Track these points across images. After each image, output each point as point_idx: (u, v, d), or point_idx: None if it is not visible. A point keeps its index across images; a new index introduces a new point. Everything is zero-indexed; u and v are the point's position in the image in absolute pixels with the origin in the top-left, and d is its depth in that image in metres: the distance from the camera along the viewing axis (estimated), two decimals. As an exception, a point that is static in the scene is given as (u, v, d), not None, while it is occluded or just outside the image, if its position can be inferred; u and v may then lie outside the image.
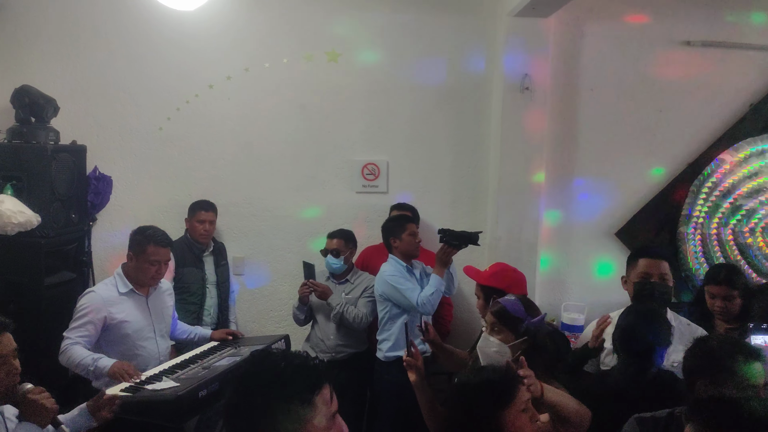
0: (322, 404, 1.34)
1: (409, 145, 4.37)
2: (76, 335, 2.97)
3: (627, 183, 4.33)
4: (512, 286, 2.78)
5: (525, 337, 2.19)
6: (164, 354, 3.26)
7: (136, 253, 3.14)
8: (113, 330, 3.08)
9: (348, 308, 3.78)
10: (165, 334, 3.32)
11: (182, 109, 4.27)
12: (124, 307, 3.11)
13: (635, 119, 4.28)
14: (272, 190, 4.36)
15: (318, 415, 1.33)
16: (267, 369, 1.35)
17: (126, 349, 3.08)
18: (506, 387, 1.78)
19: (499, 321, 2.23)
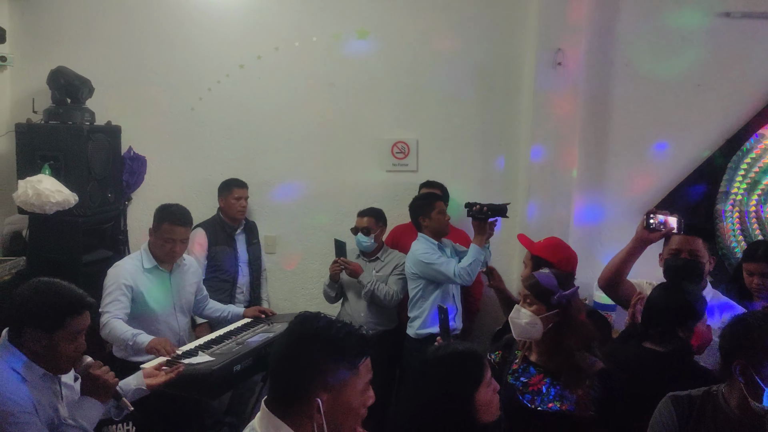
0: (365, 371, 1.44)
1: (438, 122, 4.34)
2: (113, 309, 3.05)
3: (662, 160, 4.22)
4: (562, 261, 2.75)
5: (557, 310, 2.17)
6: (183, 330, 3.33)
7: (154, 229, 3.22)
8: (137, 304, 3.15)
9: (379, 286, 3.80)
10: (185, 311, 3.38)
11: (213, 90, 4.31)
12: (148, 283, 3.19)
13: (671, 94, 4.16)
14: (302, 169, 4.38)
15: (359, 380, 1.42)
16: (323, 329, 1.41)
17: (148, 324, 3.14)
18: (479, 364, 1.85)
19: (531, 293, 2.22)
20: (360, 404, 1.43)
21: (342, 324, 1.45)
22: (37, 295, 2.02)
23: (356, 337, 1.42)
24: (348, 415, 1.42)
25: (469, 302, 4.15)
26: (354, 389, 1.41)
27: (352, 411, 1.42)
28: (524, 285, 2.28)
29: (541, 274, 2.27)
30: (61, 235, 3.73)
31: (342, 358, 1.39)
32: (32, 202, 3.52)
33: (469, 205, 3.52)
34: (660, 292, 2.50)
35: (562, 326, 2.17)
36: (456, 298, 3.73)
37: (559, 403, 2.14)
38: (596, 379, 2.12)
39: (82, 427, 1.99)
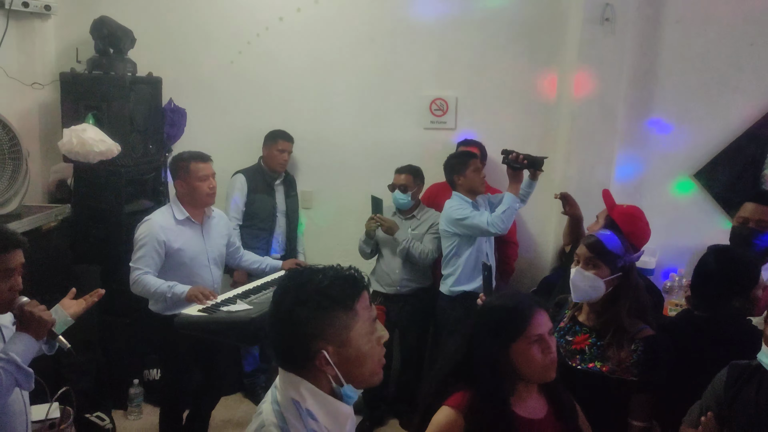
0: (363, 309, 1.38)
1: (478, 80, 4.26)
2: (143, 264, 3.09)
3: (709, 121, 4.08)
4: (633, 235, 2.64)
5: (620, 273, 2.14)
6: (217, 282, 3.35)
7: (183, 178, 3.21)
8: (172, 257, 3.18)
9: (414, 244, 3.81)
10: (219, 263, 3.40)
11: (253, 43, 4.30)
12: (181, 235, 3.20)
13: (723, 53, 4.00)
14: (340, 125, 4.37)
15: (360, 320, 1.37)
16: (305, 281, 1.37)
17: (182, 277, 3.17)
18: (520, 319, 1.80)
19: (595, 255, 2.17)
20: (369, 346, 1.38)
21: (328, 270, 1.40)
22: None
23: (343, 279, 1.37)
24: (360, 360, 1.37)
25: (503, 263, 4.14)
26: (357, 332, 1.36)
27: (362, 354, 1.37)
28: (584, 244, 2.23)
29: (604, 234, 2.22)
30: (105, 184, 3.81)
31: (333, 305, 1.34)
32: (77, 151, 3.59)
33: (505, 152, 3.49)
34: (709, 256, 2.41)
35: (620, 290, 2.14)
36: (489, 257, 3.72)
37: (600, 363, 2.14)
38: (641, 344, 2.09)
39: (13, 360, 1.96)
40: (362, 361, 1.38)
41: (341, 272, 1.40)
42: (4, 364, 1.94)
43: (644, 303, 2.20)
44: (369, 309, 1.40)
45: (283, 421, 1.33)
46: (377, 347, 1.42)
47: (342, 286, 1.37)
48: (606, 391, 2.11)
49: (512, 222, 3.58)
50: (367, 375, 1.41)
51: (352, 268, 1.43)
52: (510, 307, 1.83)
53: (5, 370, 1.94)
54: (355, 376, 1.38)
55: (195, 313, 2.73)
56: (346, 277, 1.39)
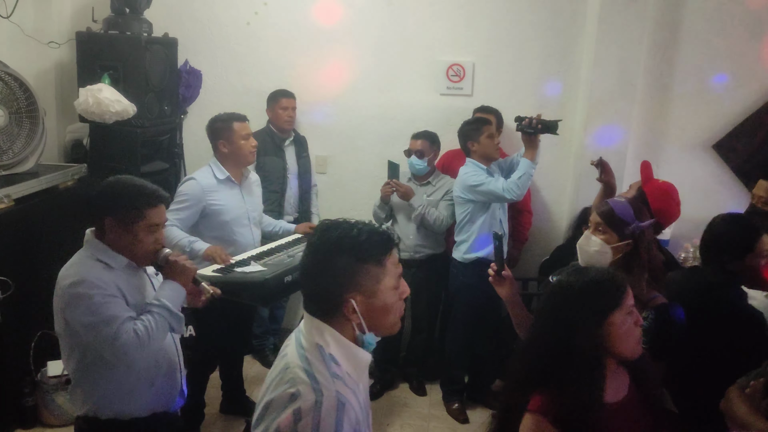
0: (392, 265, 1.47)
1: (496, 46, 4.20)
2: (173, 217, 3.13)
3: (731, 92, 4.02)
4: (660, 211, 2.62)
5: (629, 241, 2.14)
6: (257, 242, 3.41)
7: (227, 138, 3.27)
8: (212, 216, 3.23)
9: (429, 210, 3.81)
10: (258, 223, 3.46)
11: (270, 4, 4.26)
12: (222, 195, 3.26)
13: (747, 21, 3.91)
14: (356, 88, 4.34)
15: (389, 275, 1.46)
16: (343, 235, 1.44)
17: (224, 235, 3.24)
18: (616, 288, 1.68)
19: (605, 222, 2.17)
20: (394, 299, 1.48)
21: (362, 225, 1.46)
22: (117, 190, 2.14)
23: (377, 236, 1.45)
24: (385, 311, 1.47)
25: (517, 231, 4.15)
26: (385, 285, 1.45)
27: (386, 306, 1.46)
28: (597, 211, 2.22)
29: (617, 202, 2.22)
30: (120, 144, 3.81)
31: (367, 259, 1.42)
32: (93, 111, 3.60)
33: (519, 119, 3.46)
34: (713, 221, 2.45)
35: (631, 257, 2.14)
36: (503, 224, 3.72)
37: None
38: (652, 312, 2.10)
39: (165, 306, 2.12)
40: (386, 312, 1.47)
41: (376, 229, 1.48)
42: (158, 310, 2.11)
43: (657, 269, 2.19)
44: (397, 265, 1.49)
45: (307, 364, 1.40)
46: (399, 301, 1.51)
47: (377, 242, 1.44)
48: None
49: (528, 188, 3.56)
50: (389, 325, 1.50)
51: (384, 226, 1.53)
52: (603, 278, 1.69)
53: (160, 315, 2.10)
54: (378, 325, 1.48)
55: (210, 273, 2.76)
56: (380, 234, 1.47)
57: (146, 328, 2.05)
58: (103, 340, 2.01)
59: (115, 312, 2.03)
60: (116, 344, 2.00)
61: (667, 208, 2.69)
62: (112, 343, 2.00)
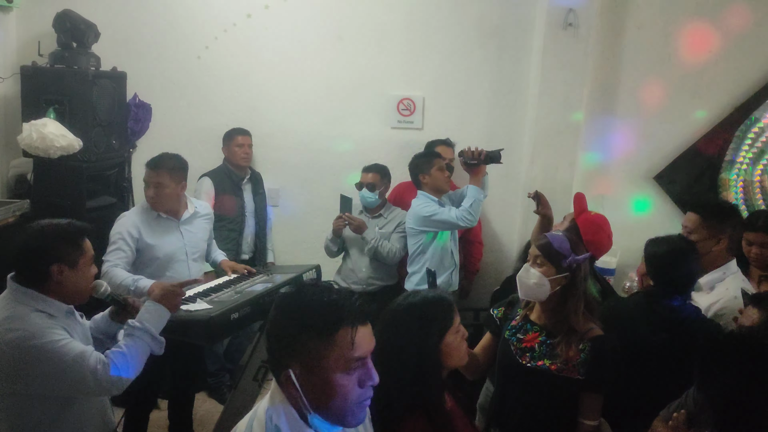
0: (343, 343, 1.31)
1: (446, 81, 4.30)
2: (114, 257, 3.08)
3: (669, 126, 4.18)
4: (592, 243, 2.67)
5: (566, 273, 2.19)
6: (196, 277, 3.34)
7: None
8: (144, 253, 3.18)
9: (382, 243, 3.83)
10: (198, 258, 3.40)
11: (220, 39, 4.27)
12: (156, 231, 3.21)
13: (682, 60, 4.10)
14: (308, 122, 4.37)
15: (335, 352, 1.31)
16: (296, 300, 1.37)
17: (156, 271, 3.18)
18: (448, 309, 1.87)
19: (543, 254, 2.22)
20: (345, 381, 1.32)
21: (321, 292, 1.35)
22: (52, 234, 2.12)
23: (330, 308, 1.32)
24: (328, 390, 1.32)
25: (469, 262, 4.19)
26: (328, 361, 1.30)
27: (332, 386, 1.31)
28: (535, 244, 2.28)
29: (554, 235, 2.27)
30: (65, 179, 3.74)
31: (310, 329, 1.31)
32: (37, 146, 3.53)
33: (462, 153, 3.54)
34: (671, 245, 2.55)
35: (568, 289, 2.18)
36: (454, 255, 3.76)
37: (549, 361, 2.18)
38: (589, 343, 2.14)
39: (149, 330, 2.18)
40: (329, 393, 1.32)
41: (339, 299, 1.34)
42: (140, 333, 2.20)
43: (592, 304, 2.25)
44: (353, 345, 1.32)
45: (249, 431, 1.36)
46: (355, 387, 1.34)
47: (326, 313, 1.32)
48: (554, 389, 2.16)
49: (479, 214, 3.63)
50: (336, 411, 1.34)
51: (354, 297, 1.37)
52: (436, 299, 1.89)
53: (141, 338, 2.19)
54: (322, 407, 1.34)
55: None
56: (334, 307, 1.33)
57: (123, 354, 2.10)
58: (80, 379, 2.00)
59: (79, 348, 2.02)
60: (98, 376, 2.02)
61: (599, 240, 2.74)
62: (95, 376, 2.01)
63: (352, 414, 1.35)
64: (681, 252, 2.51)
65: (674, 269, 2.46)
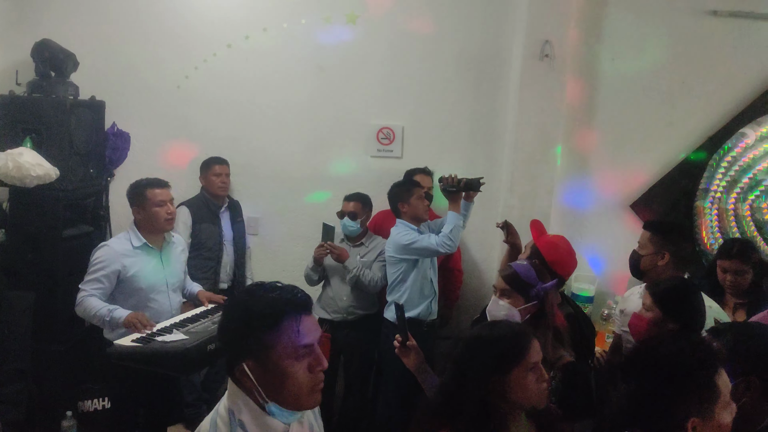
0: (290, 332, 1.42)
1: (425, 110, 4.34)
2: (91, 287, 3.06)
3: (644, 155, 4.25)
4: (557, 263, 2.69)
5: (534, 302, 2.19)
6: (176, 308, 3.34)
7: (140, 204, 3.22)
8: (126, 283, 3.15)
9: (364, 272, 3.82)
10: (177, 289, 3.39)
11: (200, 68, 4.28)
12: (138, 261, 3.18)
13: (657, 90, 4.19)
14: (288, 151, 4.38)
15: (283, 343, 1.41)
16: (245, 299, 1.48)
17: (138, 302, 3.15)
18: (518, 344, 1.76)
19: (509, 285, 2.23)
20: (295, 368, 1.42)
21: (271, 289, 1.46)
22: None
23: (274, 302, 1.43)
24: (281, 379, 1.42)
25: (448, 290, 4.19)
26: (278, 352, 1.41)
27: (284, 374, 1.42)
28: (501, 275, 2.29)
29: (519, 265, 2.29)
30: (42, 208, 3.71)
31: (258, 323, 1.41)
32: (12, 175, 3.49)
33: (441, 180, 3.56)
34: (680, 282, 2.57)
35: (537, 318, 2.19)
36: (434, 283, 3.77)
37: None
38: (559, 372, 2.14)
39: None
40: (283, 381, 1.42)
41: (282, 293, 1.46)
42: None
43: (562, 332, 2.26)
44: (297, 333, 1.43)
45: (214, 429, 1.44)
46: (306, 373, 1.44)
47: (271, 306, 1.42)
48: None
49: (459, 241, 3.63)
50: (291, 397, 1.44)
51: (296, 290, 1.49)
52: (510, 335, 1.79)
53: None
54: (278, 396, 1.43)
55: (128, 343, 2.67)
56: (281, 299, 1.44)
57: None
58: None
59: None
60: None
61: (561, 258, 2.75)
62: None
63: (307, 398, 1.46)
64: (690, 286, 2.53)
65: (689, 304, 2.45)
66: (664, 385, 1.46)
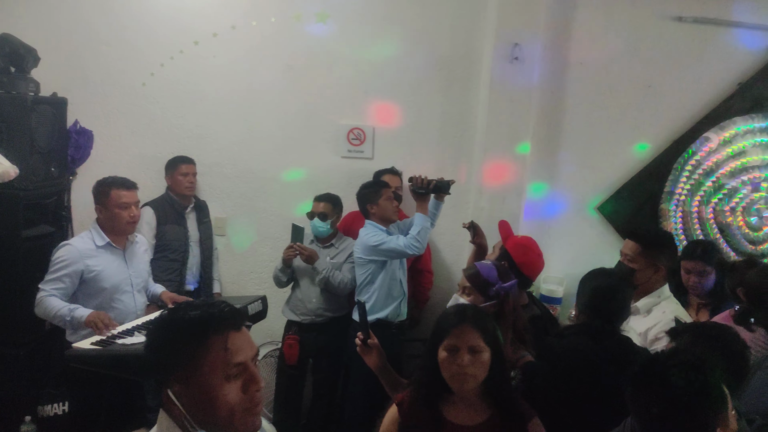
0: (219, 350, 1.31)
1: (396, 111, 4.33)
2: (51, 287, 2.98)
3: (612, 158, 4.32)
4: (525, 265, 2.73)
5: (494, 301, 2.20)
6: (141, 309, 3.28)
7: (103, 203, 3.15)
8: (90, 283, 3.09)
9: (334, 273, 3.79)
10: (142, 290, 3.34)
11: (166, 65, 4.20)
12: (102, 260, 3.12)
13: (623, 94, 4.25)
14: (256, 151, 4.32)
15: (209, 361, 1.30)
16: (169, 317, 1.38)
17: (103, 302, 3.10)
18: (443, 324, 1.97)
19: (471, 284, 2.24)
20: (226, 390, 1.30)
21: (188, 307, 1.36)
22: None
23: (197, 320, 1.32)
24: (212, 403, 1.29)
25: (418, 291, 4.18)
26: (205, 373, 1.29)
27: (214, 397, 1.29)
28: (464, 274, 2.29)
29: (483, 264, 2.30)
30: (1, 208, 3.59)
31: (181, 344, 1.30)
32: (-30, 173, 3.38)
33: (411, 180, 3.55)
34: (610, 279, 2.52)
35: (497, 318, 2.19)
36: (403, 284, 3.75)
37: None
38: (520, 371, 2.15)
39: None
40: (213, 405, 1.29)
41: (207, 310, 1.34)
42: None
43: (521, 327, 2.26)
44: (226, 352, 1.32)
45: None
46: (239, 394, 1.32)
47: (195, 325, 1.32)
48: None
49: (427, 242, 3.63)
50: (224, 421, 1.31)
51: (224, 306, 1.37)
52: (442, 314, 1.99)
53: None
54: (208, 421, 1.30)
55: (88, 346, 2.60)
56: (205, 316, 1.33)
57: None
58: None
59: None
60: None
61: (530, 260, 2.78)
62: None
63: (242, 422, 1.32)
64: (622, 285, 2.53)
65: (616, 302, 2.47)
66: None
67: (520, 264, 2.69)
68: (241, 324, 1.38)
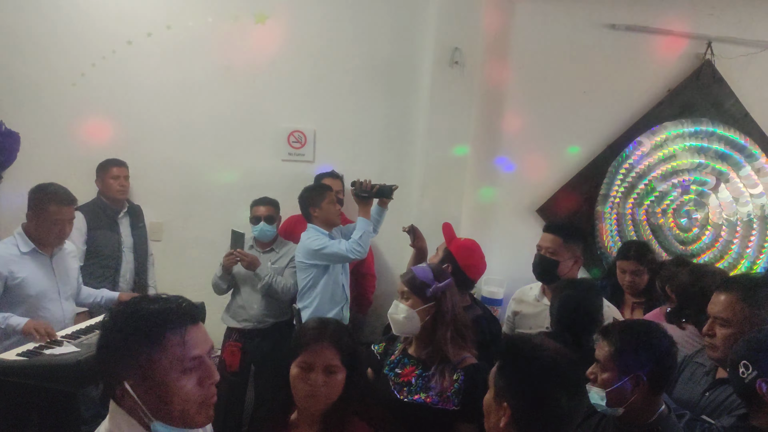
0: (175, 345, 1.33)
1: (337, 114, 4.31)
2: None
3: (550, 161, 4.41)
4: (469, 267, 2.77)
5: (432, 302, 2.19)
6: (69, 318, 3.15)
7: (35, 213, 3.01)
8: (15, 291, 2.96)
9: (276, 279, 3.72)
10: (70, 297, 3.20)
11: (98, 65, 4.06)
12: (26, 267, 2.99)
13: (560, 99, 4.35)
14: (193, 154, 4.22)
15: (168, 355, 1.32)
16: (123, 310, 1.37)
17: (28, 311, 2.96)
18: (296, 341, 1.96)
19: (408, 288, 2.23)
20: (183, 383, 1.33)
21: (146, 301, 1.37)
22: None
23: (155, 313, 1.34)
24: (169, 396, 1.32)
25: (361, 295, 4.16)
26: (163, 367, 1.31)
27: (171, 390, 1.32)
28: (401, 279, 2.29)
29: (418, 267, 2.30)
30: None
31: (137, 336, 1.31)
32: None
33: (354, 184, 3.54)
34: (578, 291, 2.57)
35: (436, 318, 2.20)
36: (345, 289, 3.72)
37: (424, 394, 2.17)
38: (462, 373, 2.15)
39: None
40: (170, 397, 1.32)
41: (165, 304, 1.36)
42: None
43: (462, 327, 2.26)
44: (184, 345, 1.34)
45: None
46: (195, 387, 1.36)
47: (153, 318, 1.33)
48: (430, 422, 2.14)
49: (369, 246, 3.61)
50: (179, 413, 1.34)
51: (181, 300, 1.39)
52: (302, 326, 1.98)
53: None
54: (164, 413, 1.33)
55: (13, 357, 2.46)
56: (163, 310, 1.35)
57: None
58: None
59: None
60: None
61: (474, 263, 2.83)
62: None
63: (197, 414, 1.37)
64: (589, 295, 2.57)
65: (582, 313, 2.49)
66: None
67: (464, 266, 2.72)
68: (198, 318, 1.40)
